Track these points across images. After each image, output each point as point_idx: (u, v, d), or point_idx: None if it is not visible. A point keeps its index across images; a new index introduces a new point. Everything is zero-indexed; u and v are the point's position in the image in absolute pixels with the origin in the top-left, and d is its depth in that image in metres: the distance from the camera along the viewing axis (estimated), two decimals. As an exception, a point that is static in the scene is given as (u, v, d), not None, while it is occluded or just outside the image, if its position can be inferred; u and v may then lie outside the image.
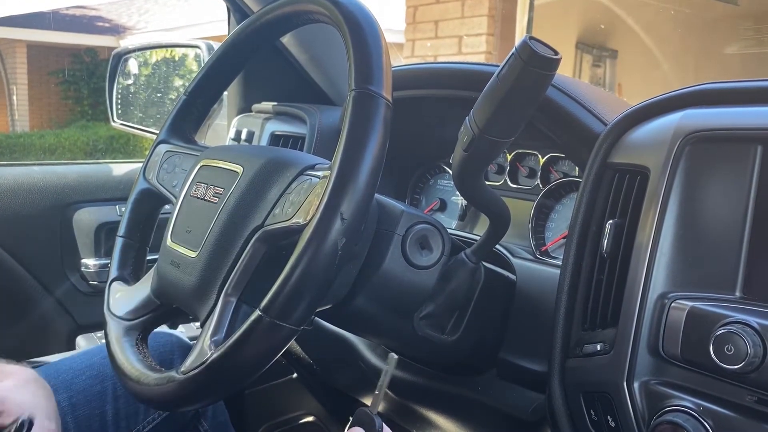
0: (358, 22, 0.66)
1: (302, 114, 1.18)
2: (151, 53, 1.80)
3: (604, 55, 4.51)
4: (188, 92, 0.90)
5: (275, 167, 0.72)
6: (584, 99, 0.86)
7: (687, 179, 0.68)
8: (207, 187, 0.77)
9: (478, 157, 0.73)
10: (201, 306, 0.71)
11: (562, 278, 0.78)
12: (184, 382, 0.66)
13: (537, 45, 0.65)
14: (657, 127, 0.74)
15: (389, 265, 0.75)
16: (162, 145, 0.91)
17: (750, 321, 0.59)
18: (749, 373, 0.59)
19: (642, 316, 0.68)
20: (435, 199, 1.20)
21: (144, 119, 1.76)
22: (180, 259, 0.75)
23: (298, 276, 0.59)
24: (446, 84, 1.00)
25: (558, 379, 0.77)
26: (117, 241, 0.89)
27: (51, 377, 0.92)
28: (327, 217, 0.60)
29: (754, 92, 0.70)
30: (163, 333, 1.03)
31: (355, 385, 1.14)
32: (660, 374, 0.67)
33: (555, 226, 1.01)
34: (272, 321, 0.60)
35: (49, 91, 11.25)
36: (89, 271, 1.49)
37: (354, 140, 0.62)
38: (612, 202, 0.75)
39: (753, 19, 3.76)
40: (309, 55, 1.32)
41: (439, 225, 0.79)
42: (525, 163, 1.08)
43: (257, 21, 0.82)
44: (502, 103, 0.67)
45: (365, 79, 0.64)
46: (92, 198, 1.51)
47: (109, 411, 0.92)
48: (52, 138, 9.27)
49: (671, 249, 0.68)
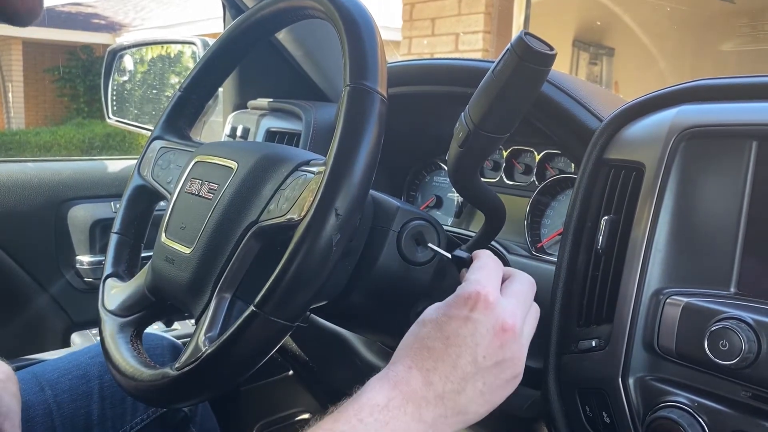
0: (353, 17, 0.66)
1: (297, 110, 1.18)
2: (147, 50, 1.79)
3: (601, 53, 4.51)
4: (183, 88, 0.90)
5: (270, 163, 0.72)
6: (580, 95, 0.86)
7: (682, 175, 0.68)
8: (202, 183, 0.77)
9: (473, 153, 0.72)
10: (195, 302, 0.71)
11: (558, 274, 0.78)
12: (178, 378, 0.66)
13: (532, 40, 0.64)
14: (652, 123, 0.74)
15: (385, 261, 0.75)
16: (157, 141, 0.90)
17: (744, 317, 0.60)
18: (744, 368, 0.59)
19: (637, 312, 0.68)
20: (431, 195, 1.20)
21: (139, 116, 1.76)
22: (174, 256, 0.75)
23: (293, 272, 0.59)
24: (442, 80, 1.00)
25: (553, 376, 0.77)
26: (112, 237, 0.89)
27: (37, 376, 0.92)
28: (322, 213, 0.59)
29: (750, 88, 0.70)
30: (154, 334, 1.03)
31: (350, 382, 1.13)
32: (655, 370, 0.67)
33: (550, 223, 1.01)
34: (267, 317, 0.60)
35: (44, 88, 11.23)
36: (84, 267, 1.49)
37: (349, 136, 0.62)
38: (607, 198, 0.75)
39: (749, 16, 3.77)
40: (304, 51, 1.31)
41: (435, 222, 0.79)
42: (521, 160, 1.08)
43: (252, 17, 0.82)
44: (498, 98, 0.67)
45: (360, 74, 0.64)
46: (87, 194, 1.51)
47: (94, 411, 0.92)
48: (47, 135, 9.25)
49: (666, 245, 0.68)
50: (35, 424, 0.88)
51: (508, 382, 0.63)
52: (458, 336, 0.60)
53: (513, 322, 0.62)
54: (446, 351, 0.59)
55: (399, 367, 0.60)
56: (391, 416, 0.56)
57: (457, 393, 0.59)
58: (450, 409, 0.59)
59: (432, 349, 0.60)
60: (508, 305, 0.62)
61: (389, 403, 0.57)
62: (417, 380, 0.59)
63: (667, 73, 3.99)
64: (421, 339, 0.61)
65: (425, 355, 0.60)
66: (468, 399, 0.60)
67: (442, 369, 0.59)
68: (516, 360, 0.62)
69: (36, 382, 0.91)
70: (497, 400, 0.62)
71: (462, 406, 0.60)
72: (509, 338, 0.61)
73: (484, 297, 0.61)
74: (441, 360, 0.59)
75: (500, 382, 0.61)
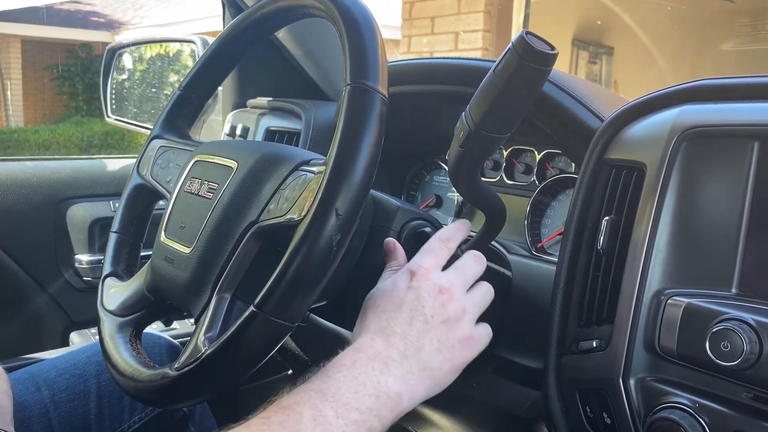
0: (353, 16, 0.66)
1: (297, 109, 1.17)
2: (146, 48, 1.79)
3: (601, 52, 4.51)
4: (182, 87, 0.89)
5: (270, 163, 0.72)
6: (581, 95, 0.86)
7: (684, 175, 0.68)
8: (201, 183, 0.76)
9: (474, 153, 0.72)
10: (195, 302, 0.71)
11: (558, 275, 0.78)
12: (178, 379, 0.65)
13: (533, 40, 0.64)
14: (654, 123, 0.74)
15: (384, 261, 0.75)
16: (156, 140, 0.90)
17: (746, 318, 0.59)
18: (745, 369, 0.59)
19: (638, 313, 0.67)
20: (431, 195, 1.20)
21: (138, 114, 1.76)
22: (174, 255, 0.74)
23: (293, 272, 0.59)
24: (442, 79, 1.00)
25: (554, 376, 0.77)
26: (111, 236, 0.89)
27: (34, 375, 0.92)
28: (322, 213, 0.59)
29: (751, 88, 0.70)
30: (151, 333, 1.02)
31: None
32: (656, 371, 0.67)
33: (551, 223, 1.01)
34: (267, 317, 0.60)
35: (43, 86, 11.21)
36: (83, 267, 1.48)
37: (349, 136, 0.61)
38: (608, 198, 0.75)
39: (749, 16, 3.77)
40: (304, 50, 1.31)
41: (435, 221, 0.79)
42: (521, 159, 1.08)
43: (252, 15, 0.82)
44: (499, 98, 0.67)
45: (361, 73, 0.63)
46: (86, 193, 1.51)
47: (92, 410, 0.92)
48: (46, 133, 9.24)
49: (667, 245, 0.67)
50: (32, 423, 0.87)
51: (461, 343, 0.68)
52: (405, 302, 0.67)
53: (449, 286, 0.69)
54: (400, 315, 0.67)
55: (361, 338, 0.66)
56: (358, 372, 0.62)
57: (417, 350, 0.65)
58: (414, 365, 0.65)
59: (388, 318, 0.67)
60: (445, 274, 0.70)
61: (355, 363, 0.63)
62: (379, 344, 0.65)
63: (667, 73, 3.99)
64: (377, 312, 0.67)
65: (383, 324, 0.66)
66: (428, 355, 0.66)
67: (400, 331, 0.66)
68: (461, 322, 0.69)
69: (32, 381, 0.91)
70: (457, 360, 0.68)
71: (424, 362, 0.65)
72: (447, 299, 0.68)
73: (422, 269, 0.69)
74: (397, 323, 0.66)
75: (452, 341, 0.67)
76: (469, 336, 0.69)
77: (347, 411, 0.59)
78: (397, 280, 0.69)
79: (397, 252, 0.74)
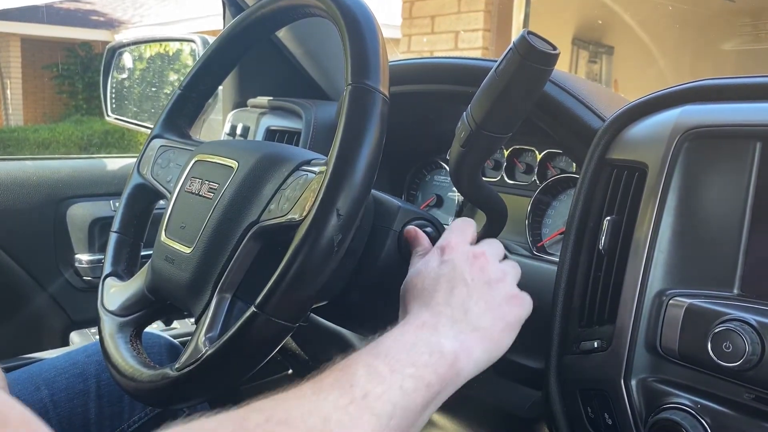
0: (354, 16, 0.66)
1: (298, 109, 1.17)
2: (146, 47, 1.78)
3: (601, 51, 4.50)
4: (183, 86, 0.89)
5: (271, 162, 0.72)
6: (582, 95, 0.85)
7: (685, 176, 0.68)
8: (202, 183, 0.76)
9: (475, 152, 0.72)
10: (195, 302, 0.70)
11: (559, 275, 0.78)
12: (178, 379, 0.65)
13: (535, 40, 0.64)
14: (655, 123, 0.73)
15: (385, 261, 0.75)
16: (156, 139, 0.90)
17: (748, 318, 0.59)
18: (747, 370, 0.59)
19: (639, 313, 0.67)
20: (432, 195, 1.20)
21: (138, 114, 1.75)
22: (174, 255, 0.74)
23: (294, 273, 0.59)
24: (444, 79, 1.00)
25: (555, 376, 0.77)
26: (111, 236, 0.88)
27: (33, 375, 0.92)
28: (323, 213, 0.59)
29: (753, 88, 0.69)
30: (151, 333, 1.02)
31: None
32: (657, 371, 0.67)
33: (552, 223, 1.01)
34: (268, 318, 0.60)
35: (43, 85, 11.21)
36: (83, 266, 1.48)
37: (350, 135, 0.61)
38: (610, 198, 0.75)
39: (750, 16, 3.77)
40: (305, 50, 1.31)
41: (436, 221, 0.79)
42: (522, 159, 1.07)
43: (253, 15, 0.82)
44: (500, 98, 0.67)
45: (362, 73, 0.63)
46: (86, 193, 1.51)
47: (92, 410, 0.91)
48: (46, 132, 9.23)
49: (669, 246, 0.67)
50: None
51: (508, 301, 0.67)
52: (442, 275, 0.67)
53: (482, 251, 0.70)
54: (440, 288, 0.66)
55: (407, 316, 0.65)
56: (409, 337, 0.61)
57: (464, 312, 0.65)
58: (465, 327, 0.64)
59: (428, 294, 0.66)
60: (474, 247, 0.71)
61: (404, 333, 0.62)
62: (426, 315, 0.64)
63: (667, 72, 3.98)
64: (415, 293, 0.67)
65: (426, 300, 0.66)
66: (476, 316, 0.65)
67: (443, 300, 0.65)
68: (503, 282, 0.68)
69: (32, 381, 0.91)
70: (509, 317, 0.67)
71: (474, 323, 0.64)
72: (484, 262, 0.68)
73: (452, 243, 0.70)
74: (439, 295, 0.66)
75: (498, 299, 0.67)
76: (515, 294, 0.69)
77: (402, 366, 0.58)
78: (428, 260, 0.69)
79: (420, 237, 0.74)
